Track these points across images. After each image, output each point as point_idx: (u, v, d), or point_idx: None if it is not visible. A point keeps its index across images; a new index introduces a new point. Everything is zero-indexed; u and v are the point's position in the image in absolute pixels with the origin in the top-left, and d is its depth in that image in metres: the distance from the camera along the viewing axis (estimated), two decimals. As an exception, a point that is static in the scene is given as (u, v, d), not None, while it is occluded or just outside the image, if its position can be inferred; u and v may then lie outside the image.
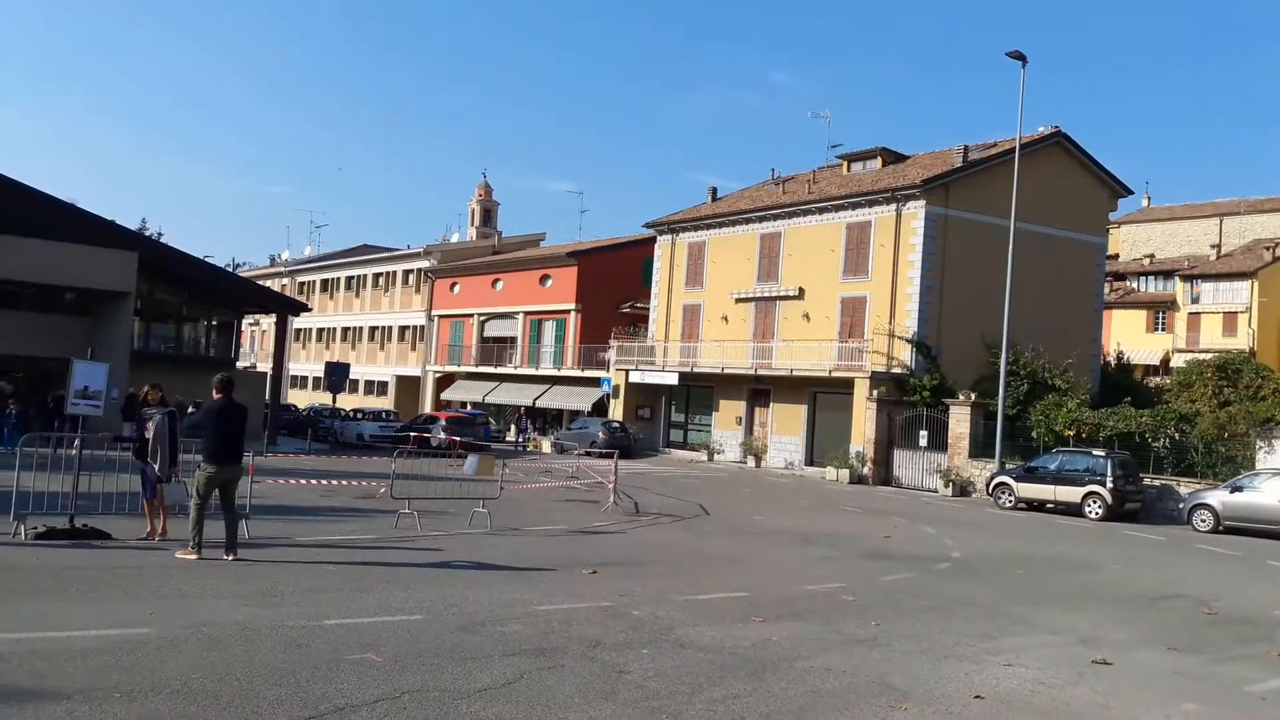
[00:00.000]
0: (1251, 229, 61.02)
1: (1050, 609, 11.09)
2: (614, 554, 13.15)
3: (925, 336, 32.11)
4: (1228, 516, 21.75)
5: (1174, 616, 11.17)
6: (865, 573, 13.00)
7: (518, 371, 48.55)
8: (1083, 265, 36.23)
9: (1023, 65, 28.26)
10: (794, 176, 42.06)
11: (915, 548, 16.13)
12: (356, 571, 10.55)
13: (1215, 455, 25.22)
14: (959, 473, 29.09)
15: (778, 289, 36.55)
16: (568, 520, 16.66)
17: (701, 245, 40.20)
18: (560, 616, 8.78)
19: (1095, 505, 23.57)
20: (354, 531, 13.69)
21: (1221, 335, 52.68)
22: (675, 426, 40.95)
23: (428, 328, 55.54)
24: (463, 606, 8.96)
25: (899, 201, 32.92)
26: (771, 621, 9.23)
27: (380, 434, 35.80)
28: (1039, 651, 8.81)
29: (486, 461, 16.62)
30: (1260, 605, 12.30)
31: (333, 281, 65.64)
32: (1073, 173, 35.85)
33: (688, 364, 38.55)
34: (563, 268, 47.82)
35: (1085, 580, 13.81)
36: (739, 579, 11.67)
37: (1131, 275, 60.50)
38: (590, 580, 10.90)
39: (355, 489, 18.84)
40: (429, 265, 56.24)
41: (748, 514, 19.95)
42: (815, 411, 35.01)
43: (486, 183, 78.29)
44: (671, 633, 8.46)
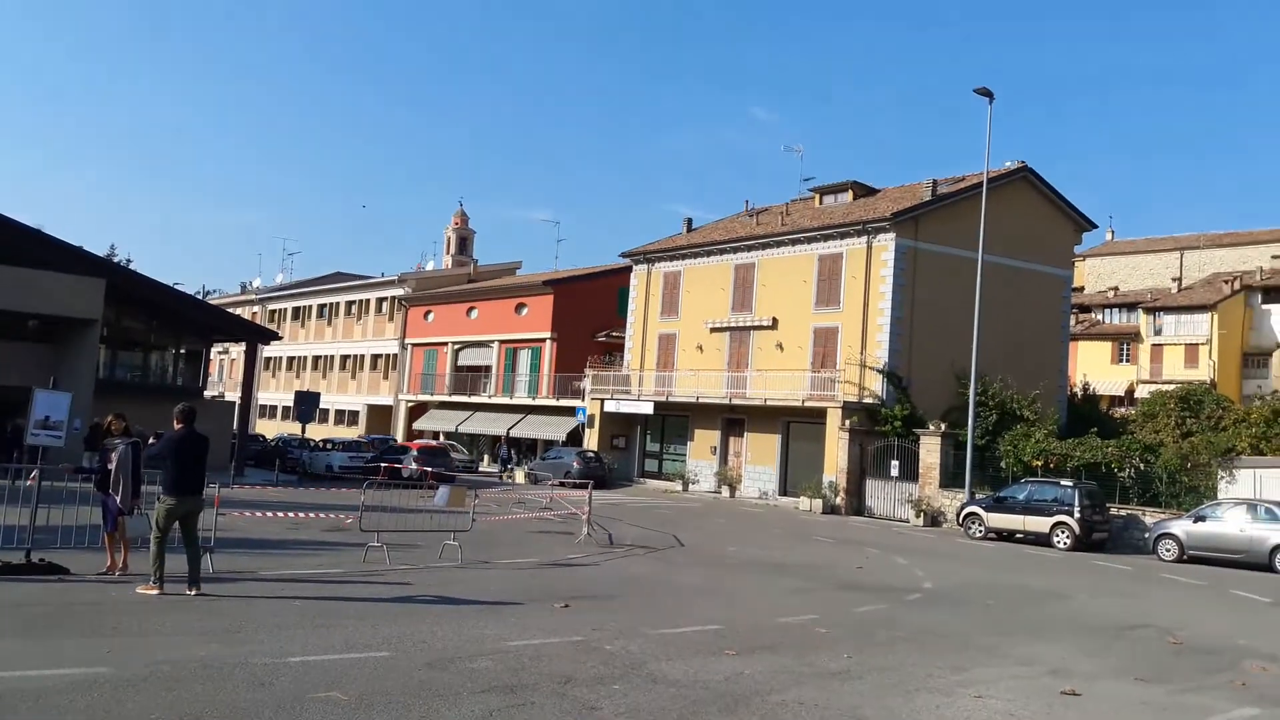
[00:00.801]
0: (1211, 263, 62.21)
1: (1020, 640, 11.13)
2: (587, 587, 13.07)
3: (896, 367, 32.36)
4: (1192, 546, 21.98)
5: (1140, 647, 11.24)
6: (838, 604, 13.00)
7: (492, 401, 48.34)
8: (1049, 297, 36.73)
9: (990, 101, 28.78)
10: (767, 208, 42.44)
11: (887, 578, 16.15)
12: (323, 607, 10.40)
13: (1179, 485, 25.54)
14: (930, 503, 29.23)
15: (752, 319, 36.75)
16: (540, 552, 16.55)
17: (677, 275, 40.38)
18: (531, 652, 8.70)
19: (1063, 535, 23.75)
20: (321, 565, 13.51)
21: (1183, 367, 53.50)
22: (650, 456, 40.89)
23: (401, 356, 55.25)
24: (431, 643, 8.85)
25: (870, 234, 33.28)
26: (744, 654, 9.20)
27: (350, 465, 35.44)
28: (1009, 683, 8.83)
29: (458, 493, 16.49)
30: (1224, 634, 12.41)
31: (304, 309, 65.21)
32: (1039, 207, 36.43)
33: (663, 393, 38.58)
34: (538, 296, 47.82)
35: (1054, 611, 13.88)
36: (712, 611, 11.63)
37: (1096, 307, 61.37)
38: (562, 614, 10.82)
39: (323, 521, 18.62)
40: (403, 293, 56.04)
41: (722, 545, 19.91)
42: (789, 441, 35.11)
43: (463, 211, 78.31)
44: (644, 667, 8.41)
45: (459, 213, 78.03)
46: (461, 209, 78.17)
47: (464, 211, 78.42)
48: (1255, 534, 21.16)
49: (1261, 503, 21.94)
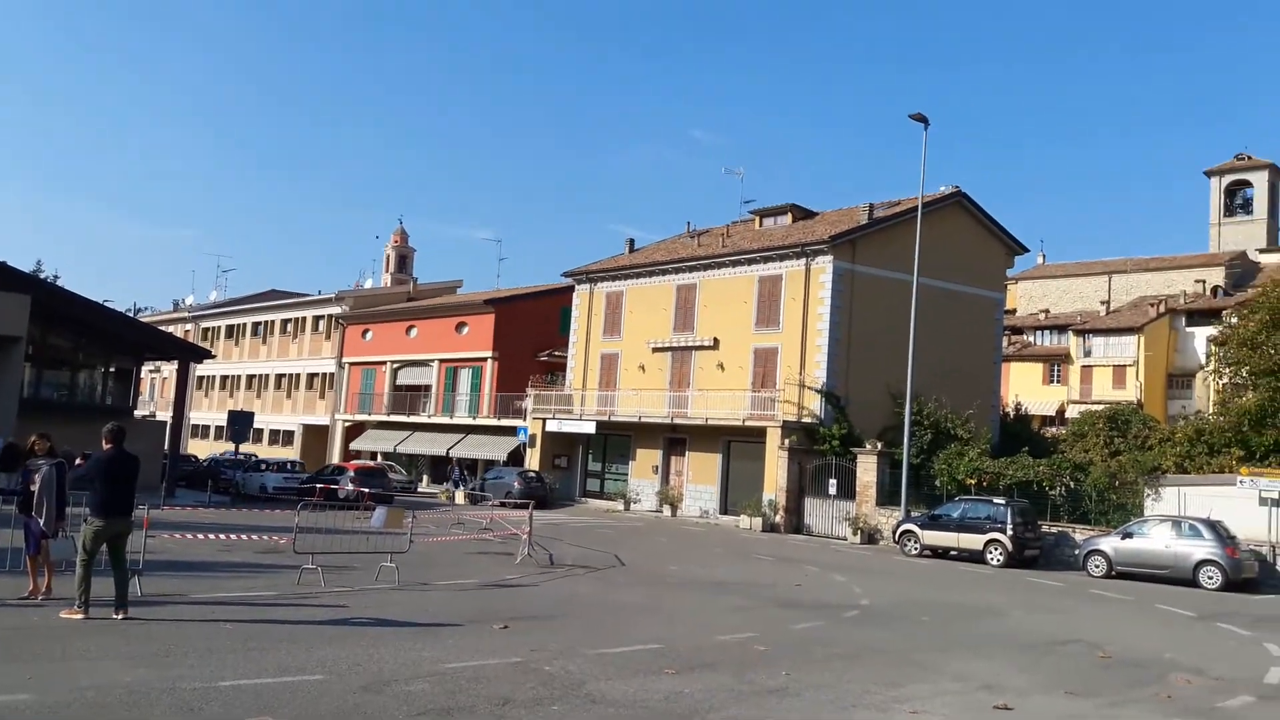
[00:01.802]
0: (1138, 286, 64.23)
1: (954, 656, 11.31)
2: (527, 608, 12.98)
3: (834, 387, 32.79)
4: (1119, 562, 22.55)
5: (1071, 661, 11.50)
6: (777, 621, 13.09)
7: (432, 420, 47.81)
8: (982, 319, 37.57)
9: (925, 127, 29.44)
10: (709, 230, 42.80)
11: (825, 596, 16.31)
12: (255, 630, 10.19)
13: (1107, 503, 26.19)
14: (867, 520, 29.60)
15: (693, 339, 36.97)
16: (480, 573, 16.39)
17: (619, 295, 40.48)
18: (469, 674, 8.62)
19: (996, 552, 24.21)
20: (254, 588, 13.23)
21: (1112, 387, 55.01)
22: (592, 476, 40.77)
23: (338, 375, 54.41)
24: (366, 665, 8.72)
25: (808, 256, 33.75)
26: (684, 673, 9.21)
27: (285, 485, 34.75)
28: (943, 699, 8.98)
29: (395, 514, 16.31)
30: (1150, 648, 12.75)
31: (239, 327, 63.94)
32: (972, 231, 37.30)
33: (605, 413, 38.55)
34: (479, 315, 47.51)
35: (987, 626, 14.14)
36: (652, 630, 11.63)
37: (1028, 329, 62.92)
38: (501, 635, 10.73)
39: (256, 543, 18.24)
40: (341, 311, 55.26)
41: (662, 564, 19.91)
42: (729, 460, 35.31)
43: (403, 229, 77.83)
44: (583, 688, 8.38)
45: (399, 230, 77.45)
46: (401, 227, 77.78)
47: (404, 229, 77.95)
48: (1180, 550, 21.78)
49: (1185, 519, 22.59)
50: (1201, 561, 21.36)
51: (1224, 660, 12.06)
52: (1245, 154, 70.35)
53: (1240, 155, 70.56)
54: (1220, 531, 21.86)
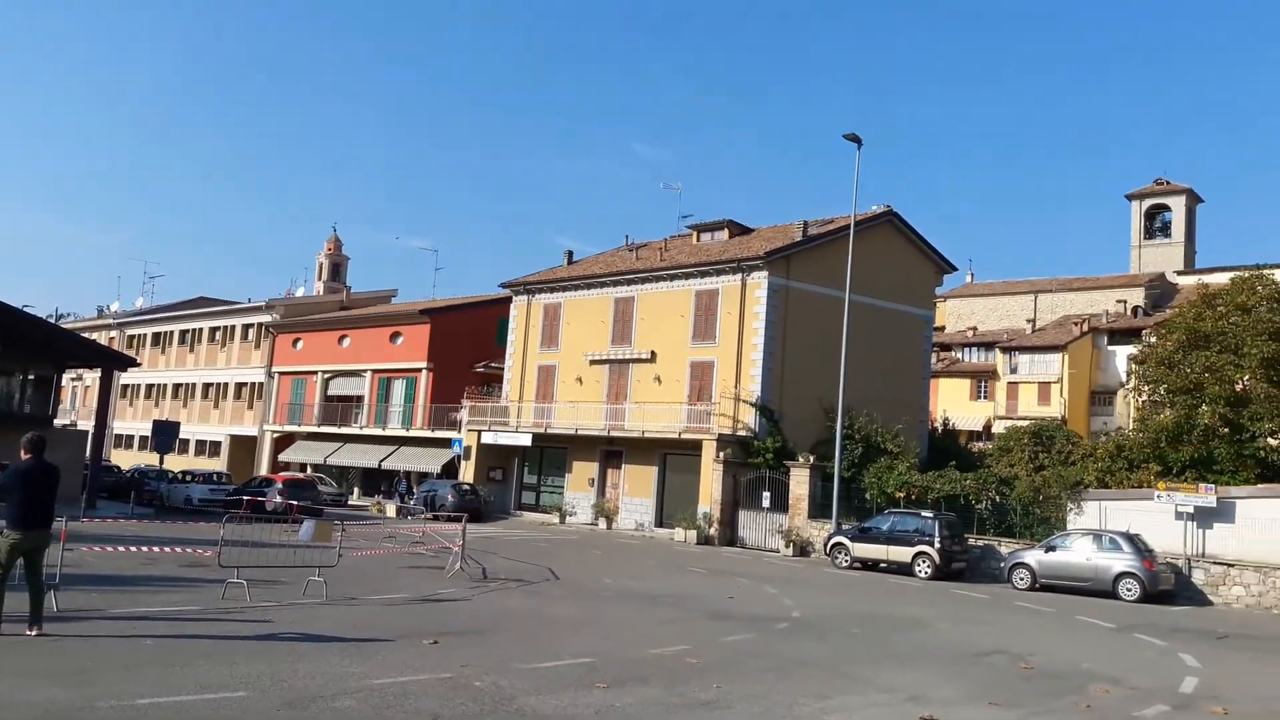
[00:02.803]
0: (1062, 305, 66.12)
1: (882, 667, 11.49)
2: (458, 622, 12.85)
3: (768, 401, 33.12)
4: (1043, 574, 23.12)
5: (994, 672, 11.74)
6: (709, 634, 13.15)
7: (364, 432, 47.08)
8: (912, 336, 38.32)
9: (858, 147, 29.98)
10: (647, 244, 42.99)
11: (757, 608, 16.44)
12: (177, 645, 9.93)
13: (1032, 516, 26.80)
14: (799, 533, 29.91)
15: (631, 352, 37.04)
16: (410, 588, 16.18)
17: (557, 307, 40.39)
18: (396, 690, 8.50)
19: (924, 565, 24.64)
20: (176, 602, 12.90)
21: (1037, 403, 56.48)
22: (528, 488, 40.53)
23: (267, 385, 53.31)
24: (291, 681, 8.55)
25: (744, 271, 34.11)
26: (615, 687, 9.21)
27: (211, 497, 33.92)
28: (871, 710, 9.11)
29: (324, 527, 16.01)
30: (1071, 659, 13.09)
31: (165, 335, 62.33)
32: (903, 249, 38.06)
33: (542, 425, 38.38)
34: (414, 325, 46.98)
35: (915, 638, 14.37)
36: (585, 644, 11.60)
37: (956, 346, 64.32)
38: (431, 650, 10.61)
39: (180, 556, 17.77)
40: (271, 320, 54.20)
41: (597, 577, 19.88)
42: (665, 473, 35.41)
43: (336, 237, 76.67)
44: (513, 703, 8.32)
45: (332, 238, 76.32)
46: (335, 235, 76.54)
47: (338, 237, 76.79)
48: (1100, 563, 22.42)
49: (1106, 533, 23.26)
50: (1121, 574, 22.00)
51: (1141, 670, 12.43)
52: (1164, 179, 72.97)
53: (1159, 180, 73.16)
54: (1139, 545, 22.56)
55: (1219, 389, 28.42)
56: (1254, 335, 28.53)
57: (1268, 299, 29.66)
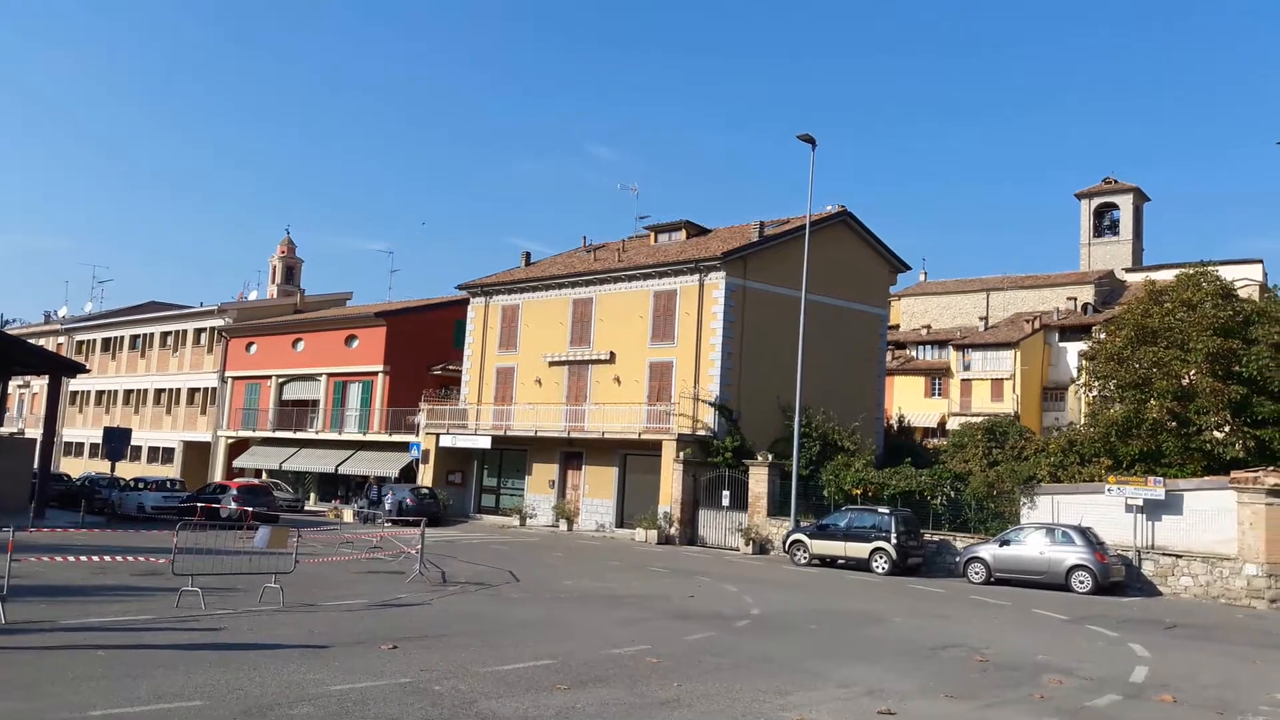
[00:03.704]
0: (1014, 303, 67.13)
1: (840, 662, 11.62)
2: (417, 627, 12.78)
3: (727, 400, 33.30)
4: (998, 568, 23.51)
5: (950, 666, 11.93)
6: (670, 633, 13.20)
7: (319, 436, 46.52)
8: (867, 334, 38.72)
9: (812, 148, 30.25)
10: (605, 244, 42.99)
11: (718, 606, 16.53)
12: (130, 656, 9.77)
13: (986, 511, 27.20)
14: (759, 531, 30.10)
15: (590, 353, 37.03)
16: (369, 593, 16.05)
17: (515, 308, 40.25)
18: (355, 696, 8.44)
19: (881, 560, 24.92)
20: (129, 612, 12.68)
21: (990, 400, 57.31)
22: (488, 491, 40.34)
23: (220, 390, 52.49)
24: (248, 689, 8.46)
25: (702, 272, 34.25)
26: (576, 689, 9.23)
27: (164, 505, 33.37)
28: (830, 705, 9.21)
29: (279, 533, 15.82)
30: (1025, 651, 13.33)
31: (115, 340, 61.14)
32: (858, 249, 38.44)
33: (501, 427, 38.23)
34: (370, 328, 46.52)
35: (872, 633, 14.56)
36: (546, 646, 11.60)
37: (911, 344, 65.09)
38: (390, 656, 10.54)
39: (133, 565, 17.47)
40: (223, 324, 53.38)
41: (557, 579, 19.86)
42: (626, 474, 35.44)
43: (289, 239, 75.90)
44: (473, 706, 8.31)
45: (285, 241, 75.50)
46: (288, 237, 75.78)
47: (291, 240, 76.02)
48: (1053, 556, 22.85)
49: (1059, 527, 23.69)
50: (1073, 567, 22.44)
51: (1093, 661, 12.70)
52: (1112, 178, 74.39)
53: (1108, 179, 74.58)
54: (1090, 538, 23.02)
55: (1166, 384, 29.07)
56: (1199, 331, 29.22)
57: (1212, 295, 30.41)
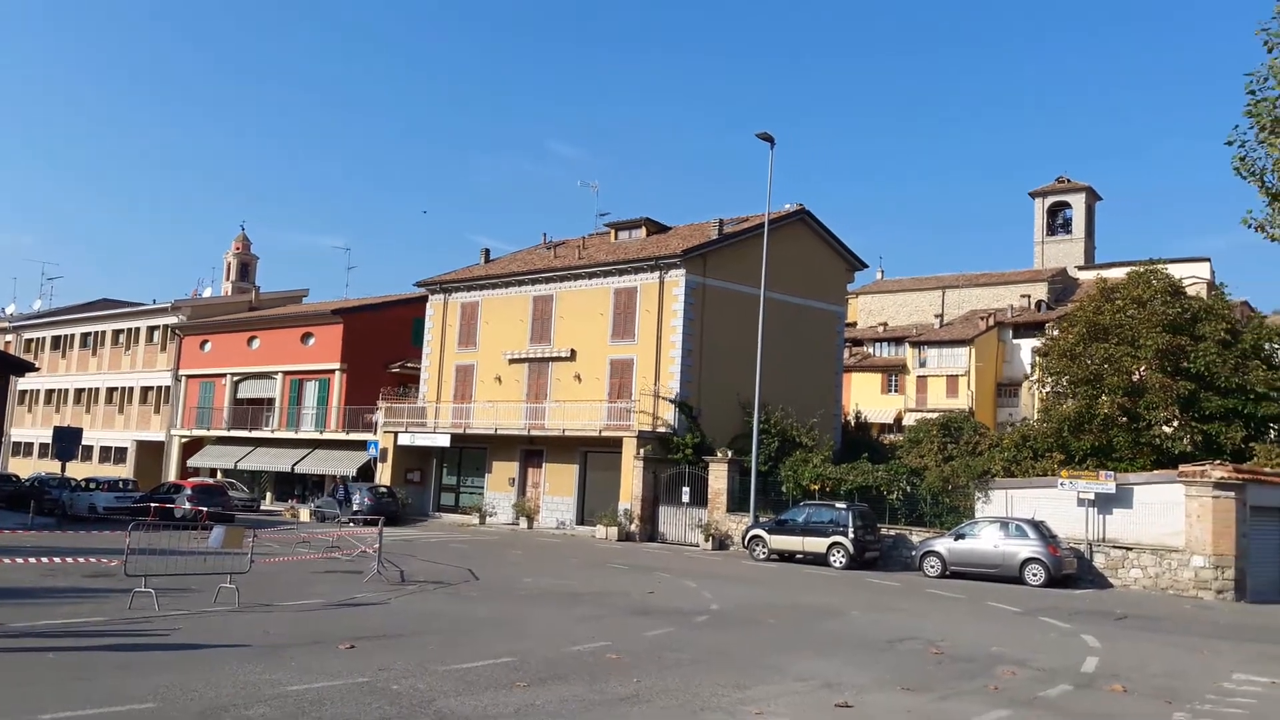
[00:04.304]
0: (969, 301, 68.02)
1: (799, 656, 11.72)
2: (375, 626, 12.68)
3: (687, 397, 33.40)
4: (953, 562, 23.84)
5: (907, 658, 12.08)
6: (630, 629, 13.23)
7: (275, 435, 45.94)
8: (825, 332, 39.05)
9: (771, 146, 30.42)
10: (565, 242, 42.92)
11: (677, 602, 16.59)
12: (81, 659, 9.60)
13: (941, 506, 27.57)
14: (718, 527, 30.25)
15: (550, 350, 36.94)
16: (326, 593, 15.89)
17: (475, 306, 40.03)
18: (312, 696, 8.37)
19: (839, 555, 25.17)
20: (81, 614, 12.45)
21: (945, 396, 58.01)
22: (447, 490, 40.11)
23: (174, 389, 51.63)
24: (203, 691, 8.35)
25: (662, 269, 34.32)
26: (535, 686, 9.22)
27: (116, 505, 32.76)
28: (788, 698, 9.29)
29: (234, 533, 15.61)
30: (980, 643, 13.54)
31: (66, 338, 59.88)
32: (815, 247, 38.74)
33: (460, 425, 38.01)
34: (327, 325, 46.02)
35: (830, 627, 14.70)
36: (505, 644, 11.56)
37: (868, 341, 65.73)
38: (347, 655, 10.45)
39: (84, 567, 17.15)
40: (177, 321, 52.49)
41: (517, 576, 19.81)
42: (586, 471, 35.42)
43: (244, 235, 74.83)
44: (432, 705, 8.27)
45: (240, 237, 74.46)
46: (243, 233, 74.72)
47: (246, 236, 75.00)
48: (1007, 549, 23.21)
49: (1012, 521, 24.06)
50: (1027, 560, 22.81)
51: (1046, 652, 12.93)
52: (1065, 177, 75.60)
53: (1061, 178, 75.81)
54: (1043, 531, 23.41)
55: (1117, 379, 29.66)
56: (1149, 327, 29.86)
57: (1161, 292, 31.08)
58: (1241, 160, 12.86)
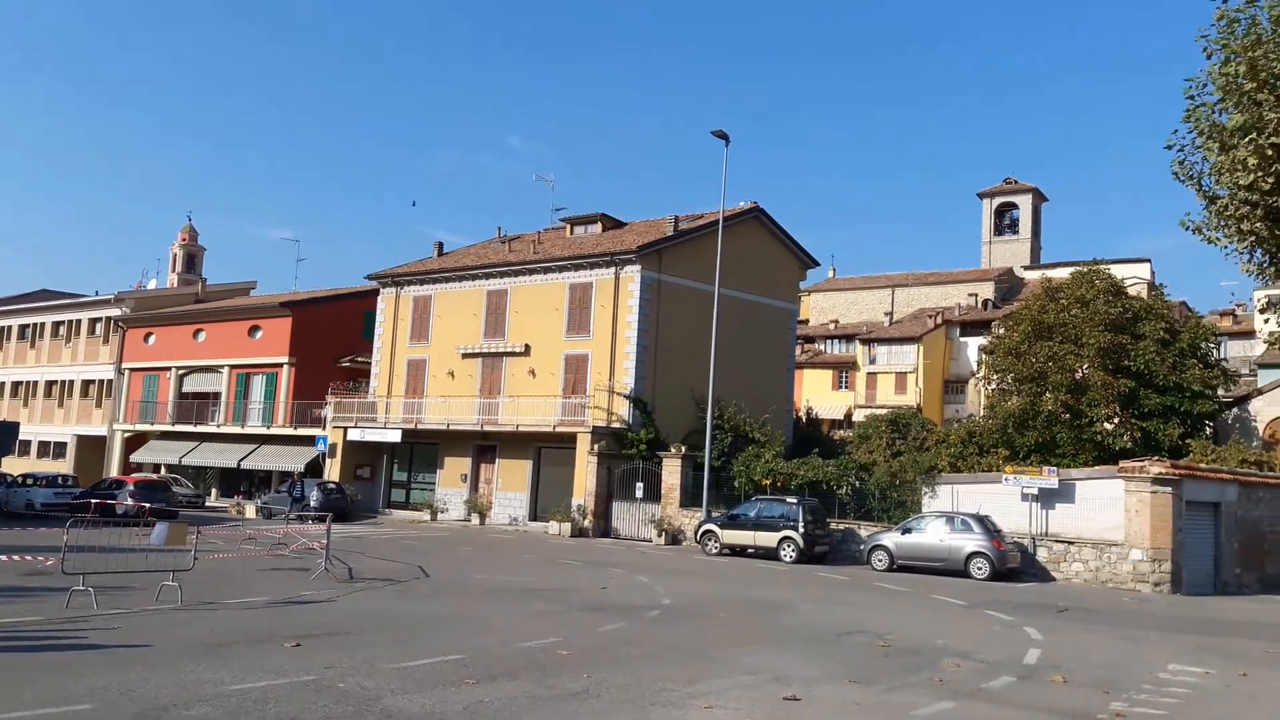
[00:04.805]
0: (918, 299, 68.93)
1: (748, 650, 11.80)
2: (322, 624, 12.52)
3: (642, 393, 33.43)
4: (900, 556, 24.17)
5: (855, 651, 12.22)
6: (582, 625, 13.22)
7: (221, 430, 45.15)
8: (778, 329, 39.29)
9: (726, 144, 30.54)
10: (520, 236, 42.70)
11: (630, 597, 16.61)
12: (14, 660, 9.34)
13: (889, 500, 27.92)
14: (671, 522, 30.35)
15: (504, 345, 36.73)
16: (272, 590, 15.65)
17: (427, 299, 39.66)
18: (255, 695, 8.23)
19: (789, 549, 25.39)
20: (15, 614, 12.12)
21: (894, 393, 58.72)
22: (398, 486, 39.72)
23: (117, 382, 50.49)
24: (141, 691, 8.17)
25: (617, 265, 34.29)
26: (485, 683, 9.16)
27: (55, 501, 31.99)
28: (737, 692, 9.35)
29: (177, 529, 15.31)
30: (925, 636, 13.73)
31: (3, 330, 58.24)
32: (769, 244, 38.97)
33: (412, 420, 37.66)
34: (275, 319, 45.28)
35: (780, 620, 14.81)
36: (455, 641, 11.48)
37: (819, 338, 66.32)
38: (293, 653, 10.30)
39: (19, 565, 16.71)
40: (120, 314, 51.32)
41: (469, 573, 19.68)
42: (540, 466, 35.30)
43: (191, 226, 73.38)
44: (378, 703, 8.18)
45: (187, 228, 73.03)
46: (190, 224, 73.30)
47: (193, 227, 73.56)
48: (953, 543, 23.59)
49: (958, 515, 24.47)
50: (972, 554, 23.20)
51: (989, 644, 13.15)
52: (1013, 178, 76.90)
53: (1008, 179, 77.08)
54: (988, 526, 23.82)
55: (1061, 377, 30.28)
56: (1091, 326, 30.53)
57: (1103, 292, 31.78)
58: (1180, 165, 13.21)
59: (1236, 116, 12.02)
